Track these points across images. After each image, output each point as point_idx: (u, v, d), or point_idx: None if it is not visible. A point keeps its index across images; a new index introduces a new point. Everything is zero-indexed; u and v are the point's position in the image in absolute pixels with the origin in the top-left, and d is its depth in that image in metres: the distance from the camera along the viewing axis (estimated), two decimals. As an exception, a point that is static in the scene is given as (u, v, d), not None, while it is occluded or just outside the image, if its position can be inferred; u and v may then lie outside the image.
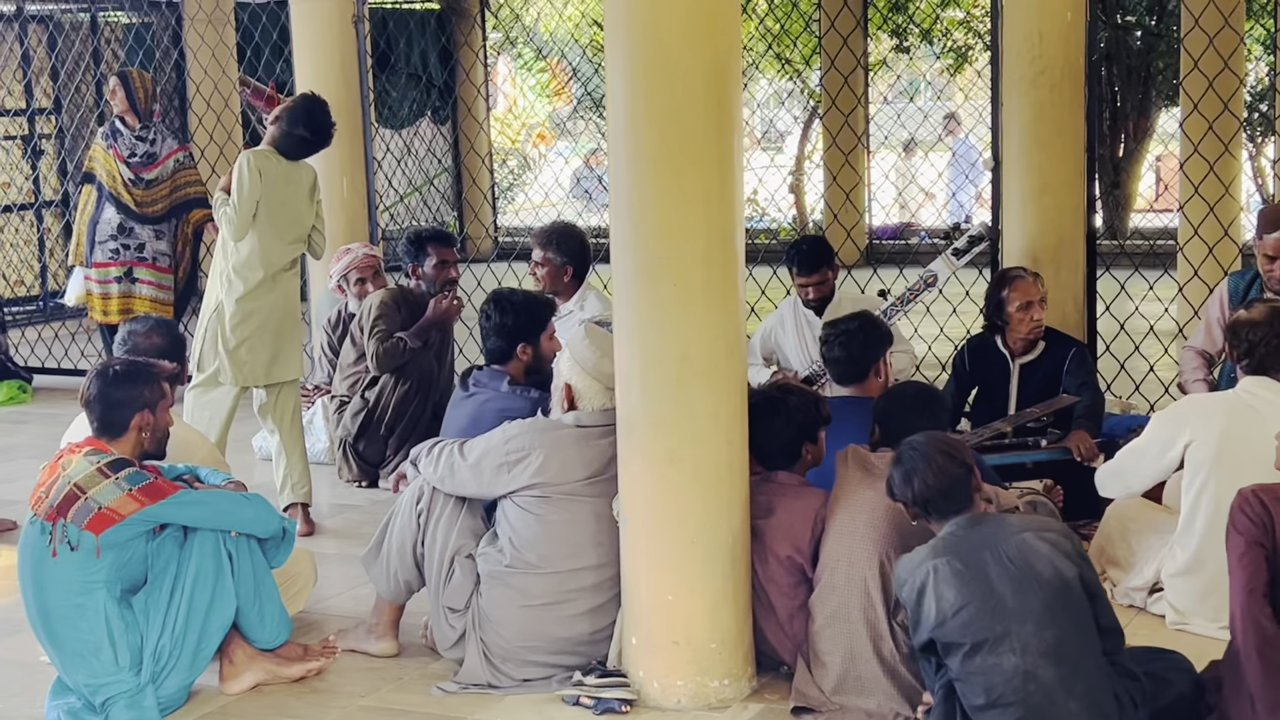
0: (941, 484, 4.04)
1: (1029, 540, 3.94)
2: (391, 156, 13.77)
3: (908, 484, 4.08)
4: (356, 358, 7.27)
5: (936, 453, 4.07)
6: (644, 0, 4.29)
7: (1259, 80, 14.87)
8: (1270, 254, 6.13)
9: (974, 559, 3.95)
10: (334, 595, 5.65)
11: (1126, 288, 7.39)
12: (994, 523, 4.04)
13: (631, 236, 4.39)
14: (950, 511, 4.06)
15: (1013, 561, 3.91)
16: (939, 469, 4.04)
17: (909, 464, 4.09)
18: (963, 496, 4.05)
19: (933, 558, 3.99)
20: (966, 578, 3.93)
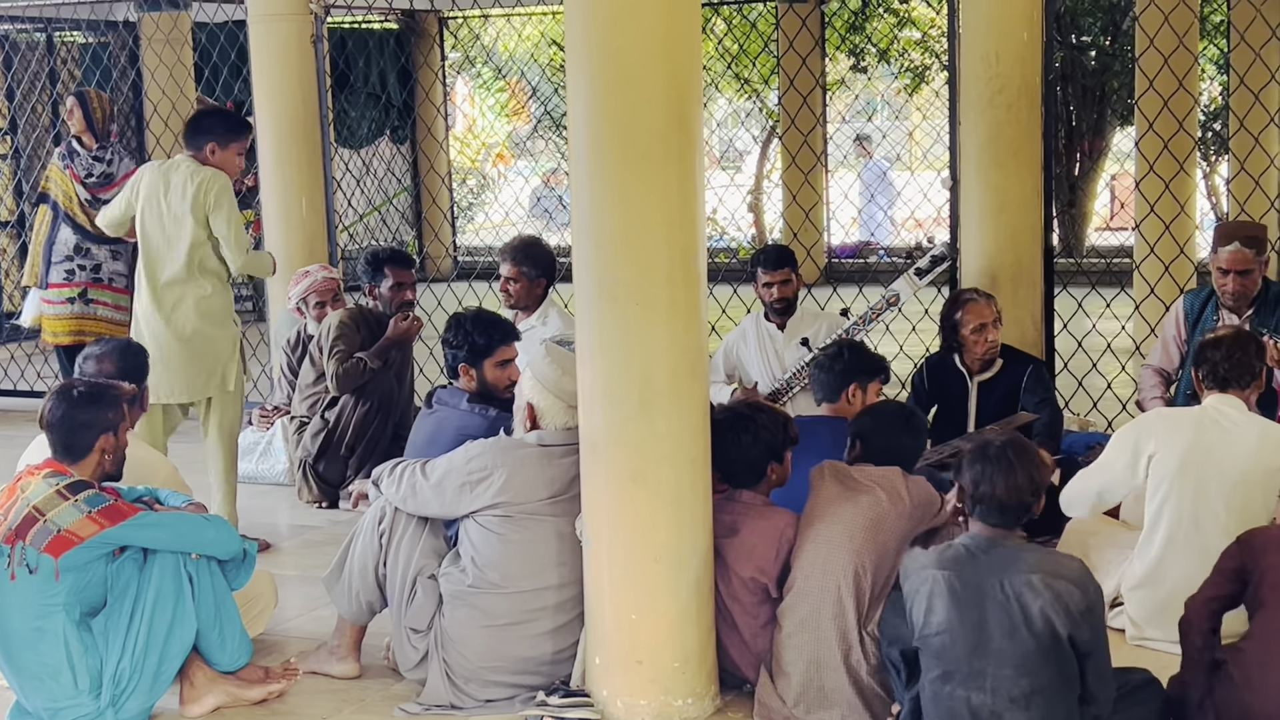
0: (1008, 499, 3.94)
1: (1036, 583, 3.84)
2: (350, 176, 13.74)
3: (976, 481, 3.96)
4: (316, 378, 7.25)
5: (1022, 469, 3.95)
6: (604, 20, 4.31)
7: (1212, 100, 15.03)
8: (1224, 267, 6.21)
9: (975, 585, 3.90)
10: (295, 617, 5.62)
11: (1083, 305, 7.45)
12: (1011, 552, 3.94)
13: (593, 256, 4.39)
14: (994, 522, 3.97)
15: (1012, 600, 3.85)
16: (1013, 485, 3.93)
17: (992, 465, 3.96)
18: (1014, 518, 3.97)
19: (937, 568, 3.96)
20: (961, 602, 3.90)
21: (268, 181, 8.28)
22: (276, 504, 7.15)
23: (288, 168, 8.21)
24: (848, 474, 4.68)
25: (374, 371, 6.99)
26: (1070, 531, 5.46)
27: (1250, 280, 6.24)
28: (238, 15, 9.68)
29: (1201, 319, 6.41)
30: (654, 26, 4.28)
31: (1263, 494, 4.66)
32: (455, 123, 20.29)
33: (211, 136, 6.30)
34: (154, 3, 10.71)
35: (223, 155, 6.31)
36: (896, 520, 4.56)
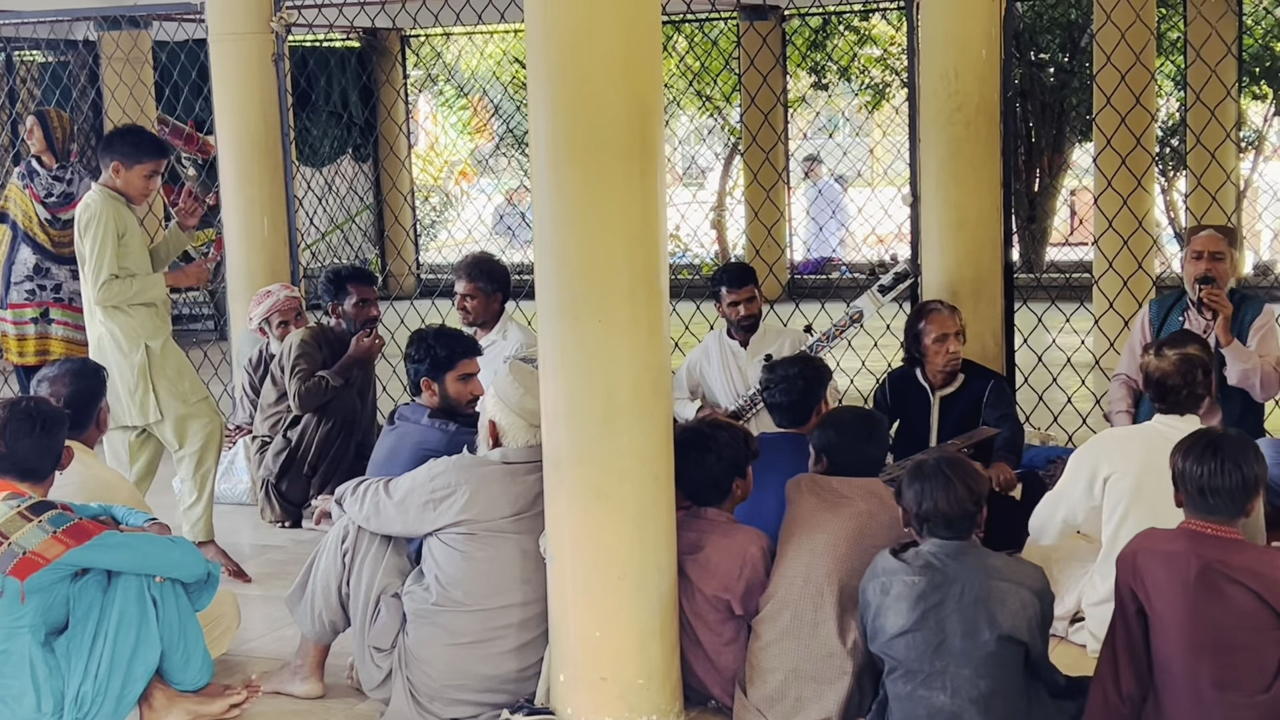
0: (950, 511, 4.09)
1: (1001, 589, 4.00)
2: (312, 194, 13.72)
3: (918, 499, 4.12)
4: (278, 397, 7.23)
5: (958, 480, 4.11)
6: (565, 39, 4.32)
7: (1170, 116, 15.15)
8: (1198, 249, 6.35)
9: (940, 589, 4.03)
10: (257, 637, 5.59)
11: (1044, 320, 7.49)
12: (976, 559, 4.08)
13: (556, 273, 4.40)
14: (945, 536, 4.12)
15: (974, 603, 3.99)
16: (954, 497, 4.09)
17: (929, 482, 4.11)
18: (963, 528, 4.12)
19: (904, 573, 4.08)
20: (925, 604, 4.02)
21: (229, 200, 8.25)
22: (239, 524, 7.12)
23: (249, 186, 8.19)
24: (828, 485, 4.71)
25: (336, 390, 6.98)
26: (1032, 545, 5.48)
27: (1221, 267, 6.33)
28: (198, 34, 9.64)
29: (1166, 325, 6.49)
30: (614, 45, 4.30)
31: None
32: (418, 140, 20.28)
33: (116, 156, 6.16)
34: (114, 22, 10.66)
35: (127, 176, 6.16)
36: (880, 529, 4.57)
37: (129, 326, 6.16)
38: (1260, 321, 6.37)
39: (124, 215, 6.17)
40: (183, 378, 6.27)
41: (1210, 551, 3.91)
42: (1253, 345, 6.31)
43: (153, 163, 6.24)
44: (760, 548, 4.68)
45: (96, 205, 6.11)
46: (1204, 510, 3.97)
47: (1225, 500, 3.94)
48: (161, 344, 6.23)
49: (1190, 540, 3.96)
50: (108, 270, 6.07)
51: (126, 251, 6.14)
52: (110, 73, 10.79)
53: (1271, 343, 6.33)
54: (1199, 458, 3.96)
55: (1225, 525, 3.96)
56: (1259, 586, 3.86)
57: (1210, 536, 3.94)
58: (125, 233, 6.15)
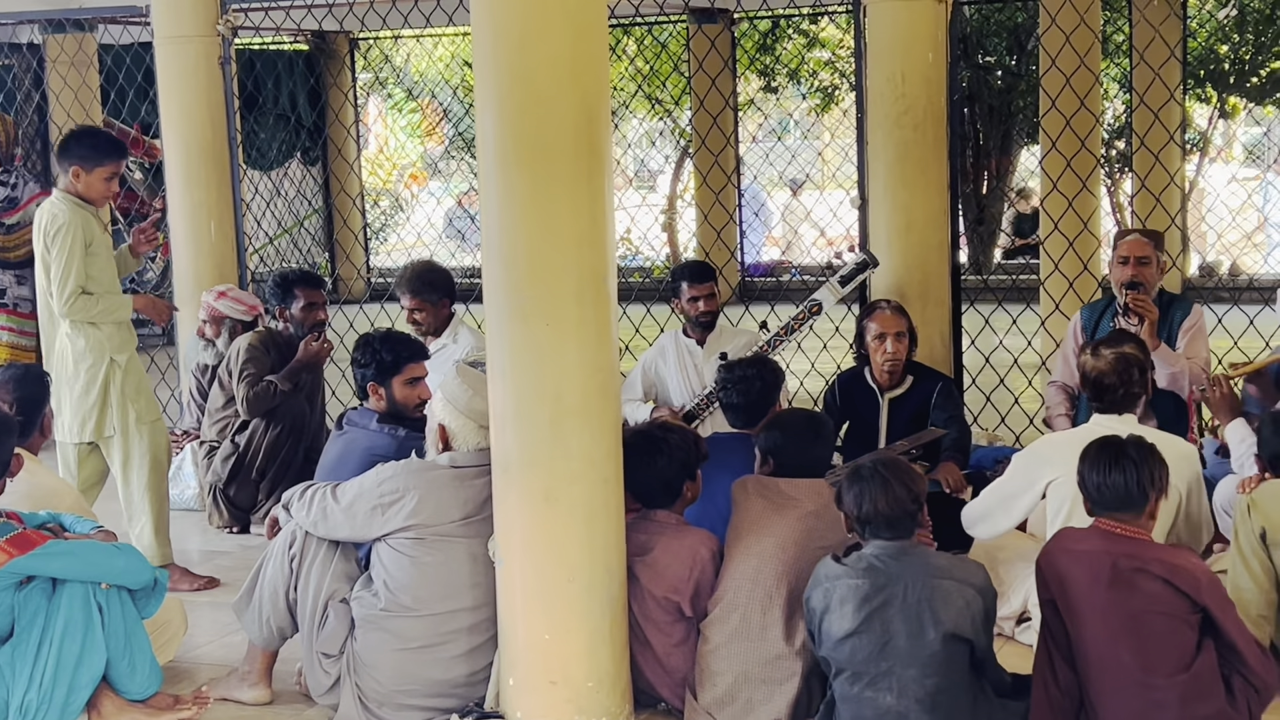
0: (890, 512, 4.13)
1: (945, 587, 4.05)
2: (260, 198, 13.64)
3: (858, 502, 4.16)
4: (225, 402, 7.19)
5: (896, 481, 4.14)
6: (512, 42, 4.32)
7: (1117, 118, 15.28)
8: (1124, 255, 6.43)
9: (884, 590, 4.07)
10: (205, 643, 5.56)
11: (991, 322, 7.53)
12: (919, 559, 4.13)
13: (504, 277, 4.40)
14: (887, 537, 4.15)
15: (918, 603, 4.04)
16: (893, 498, 4.12)
17: (867, 484, 4.15)
18: (905, 528, 4.16)
19: (848, 576, 4.12)
20: (869, 606, 4.06)
21: (176, 204, 8.20)
22: (187, 529, 7.07)
23: (196, 190, 8.14)
24: (774, 487, 4.72)
25: (285, 394, 6.95)
26: (979, 546, 5.51)
27: (1148, 271, 6.39)
28: (144, 37, 9.60)
29: (1098, 331, 6.54)
30: (562, 48, 4.30)
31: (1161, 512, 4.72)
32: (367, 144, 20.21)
33: (74, 160, 6.02)
34: (59, 25, 10.56)
35: (88, 180, 6.02)
36: (827, 530, 4.58)
37: (96, 339, 6.03)
38: (1189, 323, 6.43)
39: (91, 224, 6.04)
40: (140, 395, 6.15)
41: (1122, 548, 4.13)
42: (1181, 346, 6.37)
43: (113, 164, 6.10)
44: (710, 549, 4.69)
45: (65, 215, 5.97)
46: (1107, 510, 4.19)
47: (1129, 501, 4.16)
48: (127, 359, 6.12)
49: (1102, 538, 4.18)
50: (75, 283, 5.93)
51: (93, 260, 6.01)
52: (55, 76, 10.69)
53: (1200, 344, 6.40)
54: (1101, 463, 4.18)
55: (1133, 524, 4.17)
56: (1170, 575, 4.08)
57: (1120, 535, 4.16)
58: (92, 241, 6.01)
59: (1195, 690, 4.07)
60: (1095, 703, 4.16)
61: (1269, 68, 14.68)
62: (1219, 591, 4.17)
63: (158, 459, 6.21)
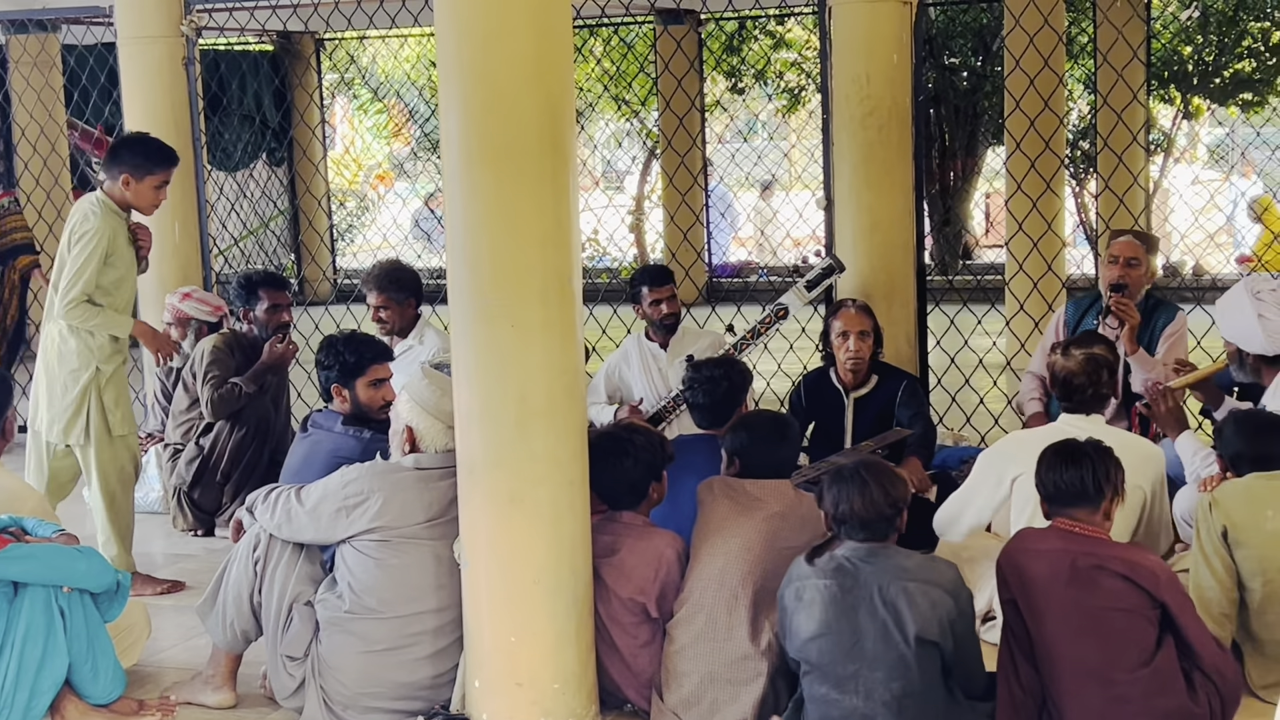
0: (865, 513, 4.14)
1: (911, 590, 4.05)
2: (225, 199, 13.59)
3: (835, 502, 4.18)
4: (189, 404, 7.16)
5: (874, 484, 4.16)
6: (476, 43, 4.31)
7: (1081, 119, 15.36)
8: (1115, 254, 6.49)
9: (854, 592, 4.08)
10: (169, 647, 5.53)
11: (956, 322, 7.56)
12: (888, 561, 4.13)
13: (469, 278, 4.39)
14: (861, 538, 4.16)
15: (887, 605, 4.05)
16: (870, 501, 4.14)
17: (846, 485, 4.17)
18: (879, 531, 4.17)
19: (819, 576, 4.14)
20: (839, 608, 4.07)
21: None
22: (151, 533, 7.03)
23: (162, 192, 8.09)
24: (740, 488, 4.72)
25: (249, 396, 6.92)
26: (944, 545, 5.53)
27: (1135, 274, 6.43)
28: (107, 38, 9.54)
29: (1080, 327, 6.57)
30: (525, 48, 4.29)
31: (1125, 511, 4.75)
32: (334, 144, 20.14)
33: (125, 167, 5.96)
34: (21, 25, 10.49)
35: (138, 188, 5.96)
36: (792, 531, 4.59)
37: (87, 345, 5.96)
38: (1172, 329, 6.46)
39: (120, 234, 5.96)
40: (119, 406, 6.08)
41: (1080, 546, 4.18)
42: (1161, 351, 6.40)
43: (164, 173, 6.05)
44: (675, 551, 4.69)
45: (96, 220, 5.90)
46: (1065, 507, 4.25)
47: (1084, 496, 4.22)
48: (113, 370, 6.04)
49: (1061, 538, 4.23)
50: (82, 289, 5.86)
51: (109, 270, 5.94)
52: (18, 77, 10.62)
53: (1179, 351, 6.42)
54: (1059, 465, 4.24)
55: (1090, 523, 4.23)
56: (1129, 571, 4.13)
57: (1079, 534, 4.22)
58: (114, 253, 5.93)
59: (1156, 685, 4.11)
60: (1058, 700, 4.18)
61: (1232, 69, 14.79)
62: (1177, 588, 4.21)
63: (125, 470, 6.16)
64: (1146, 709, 4.10)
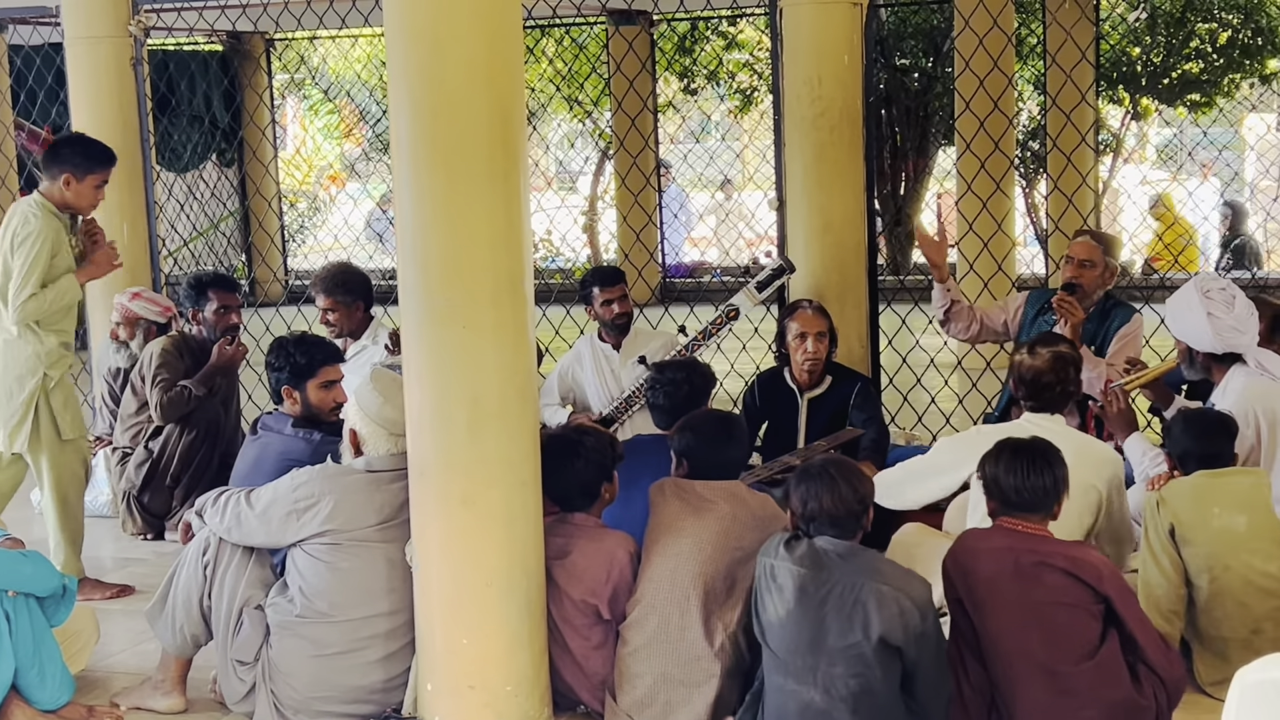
0: (836, 511, 4.15)
1: (881, 592, 4.05)
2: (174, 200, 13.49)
3: (804, 500, 4.18)
4: (138, 407, 7.10)
5: (843, 481, 4.17)
6: (426, 43, 4.29)
7: (1031, 120, 15.45)
8: (1070, 254, 6.56)
9: (825, 585, 4.08)
10: (118, 652, 5.49)
11: (908, 322, 7.59)
12: (863, 561, 4.14)
13: (419, 280, 4.37)
14: (831, 535, 4.17)
15: (857, 603, 4.04)
16: (838, 497, 4.15)
17: (816, 482, 4.18)
18: (849, 529, 4.18)
19: (794, 563, 4.13)
20: (808, 597, 4.08)
21: (89, 206, 8.08)
22: (100, 537, 6.97)
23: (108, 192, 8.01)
24: (691, 489, 4.71)
25: (199, 399, 6.87)
26: (896, 544, 5.55)
27: (1089, 274, 6.48)
28: (54, 38, 9.45)
29: (1036, 322, 6.62)
30: (476, 49, 4.28)
31: (1078, 510, 4.79)
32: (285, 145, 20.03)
33: (68, 167, 5.90)
34: (-34, 25, 10.42)
35: (79, 188, 5.91)
36: (743, 531, 4.59)
37: (36, 350, 5.89)
38: (1126, 330, 6.50)
39: (60, 234, 5.90)
40: (67, 410, 6.01)
41: (1024, 543, 4.23)
42: (1112, 351, 6.44)
43: (105, 172, 6.00)
44: (628, 552, 4.69)
45: (37, 222, 5.83)
46: (1020, 511, 4.28)
47: (1038, 501, 4.27)
48: (60, 375, 5.97)
49: (1006, 536, 4.28)
50: (31, 291, 5.80)
51: (52, 269, 5.88)
52: (-37, 77, 10.54)
53: (1130, 352, 6.46)
54: (1010, 465, 4.28)
55: (1037, 523, 4.28)
56: (1071, 567, 4.18)
57: (1023, 532, 4.26)
58: (57, 253, 5.88)
59: (1102, 677, 4.15)
60: (1006, 696, 4.21)
61: (1179, 70, 14.91)
62: (1120, 582, 4.25)
63: (78, 474, 6.11)
64: (1093, 700, 4.13)
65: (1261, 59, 14.73)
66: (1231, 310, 5.36)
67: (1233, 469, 4.88)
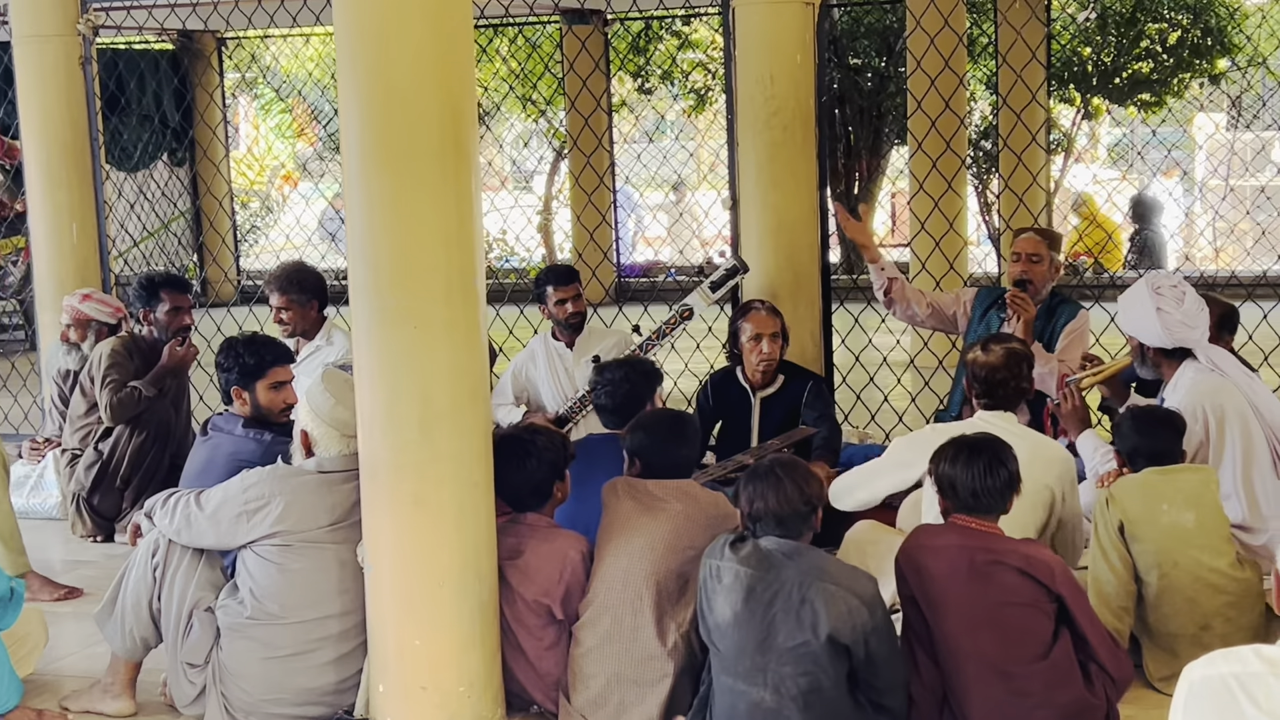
0: (780, 510, 4.14)
1: (829, 592, 4.05)
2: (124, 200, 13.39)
3: (750, 499, 4.18)
4: (88, 409, 7.04)
5: (789, 481, 4.15)
6: (374, 42, 4.27)
7: (984, 119, 15.53)
8: (1017, 251, 6.64)
9: (772, 586, 4.08)
10: (67, 655, 5.44)
11: (860, 321, 7.62)
12: (810, 561, 4.13)
13: (370, 279, 4.35)
14: (777, 535, 4.16)
15: (802, 603, 4.04)
16: (784, 497, 4.14)
17: (762, 482, 4.17)
18: (794, 528, 4.16)
19: (740, 564, 4.12)
20: (755, 599, 4.07)
21: (36, 206, 8.04)
22: (49, 539, 6.92)
23: (57, 192, 7.99)
24: (643, 489, 4.71)
25: (149, 400, 6.82)
26: (849, 541, 5.56)
27: (1038, 269, 6.54)
28: (1, 36, 9.37)
29: (985, 319, 6.66)
30: (425, 48, 4.26)
31: (1031, 508, 4.81)
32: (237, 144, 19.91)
33: None
34: (-88, 23, 10.29)
35: None
36: (696, 530, 4.59)
37: None
38: (1073, 326, 6.55)
39: None
40: None
41: (977, 541, 4.24)
42: (1061, 347, 6.49)
43: None
44: (580, 552, 4.68)
45: None
46: (974, 510, 4.29)
47: (995, 499, 4.29)
48: None
49: (959, 534, 4.29)
50: None
51: None
52: (-91, 76, 10.41)
53: (1076, 350, 6.51)
54: (966, 463, 4.28)
55: (989, 521, 4.29)
56: (1025, 565, 4.19)
57: (976, 530, 4.27)
58: None
59: (1054, 678, 4.17)
60: (958, 695, 4.23)
61: (1130, 70, 15.02)
62: (1071, 580, 4.27)
63: None
64: (1046, 701, 4.15)
65: (1211, 59, 14.85)
66: (1181, 306, 5.39)
67: (1181, 466, 4.93)
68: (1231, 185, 15.56)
